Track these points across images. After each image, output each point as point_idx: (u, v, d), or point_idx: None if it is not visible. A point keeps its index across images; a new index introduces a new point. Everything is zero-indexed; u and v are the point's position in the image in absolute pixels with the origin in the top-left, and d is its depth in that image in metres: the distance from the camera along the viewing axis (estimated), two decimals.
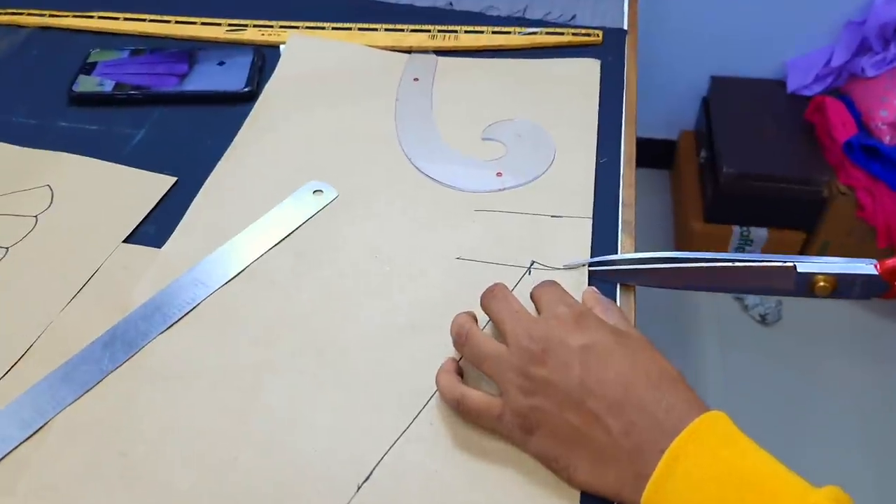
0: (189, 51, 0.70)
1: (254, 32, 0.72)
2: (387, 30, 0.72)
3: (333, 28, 0.72)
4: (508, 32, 0.71)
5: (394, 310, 0.48)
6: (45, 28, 0.74)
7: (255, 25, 0.73)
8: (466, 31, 0.72)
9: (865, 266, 0.41)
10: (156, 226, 0.54)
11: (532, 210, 0.54)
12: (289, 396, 0.44)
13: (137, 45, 0.71)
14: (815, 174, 1.46)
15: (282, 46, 0.70)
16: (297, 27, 0.73)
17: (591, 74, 0.67)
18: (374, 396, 0.44)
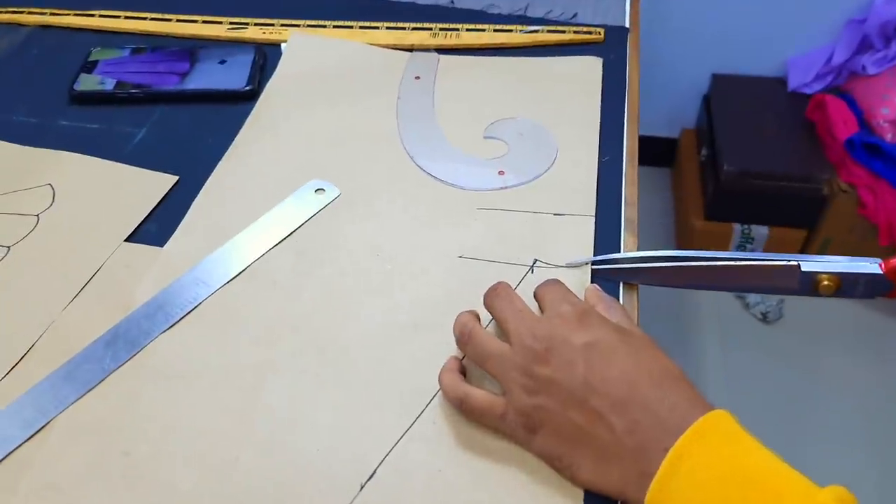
0: (190, 49, 0.69)
1: (255, 31, 0.72)
2: (388, 28, 0.72)
3: (335, 26, 0.72)
4: (510, 31, 0.71)
5: (395, 308, 0.48)
6: (46, 27, 0.74)
7: (257, 24, 0.73)
8: (468, 30, 0.71)
9: (870, 265, 0.41)
10: (157, 224, 0.54)
11: (534, 208, 0.54)
12: (290, 395, 0.44)
13: (138, 44, 0.71)
14: (816, 172, 1.46)
15: (283, 45, 0.70)
16: (299, 25, 0.72)
17: (593, 72, 0.67)
18: (377, 395, 0.44)
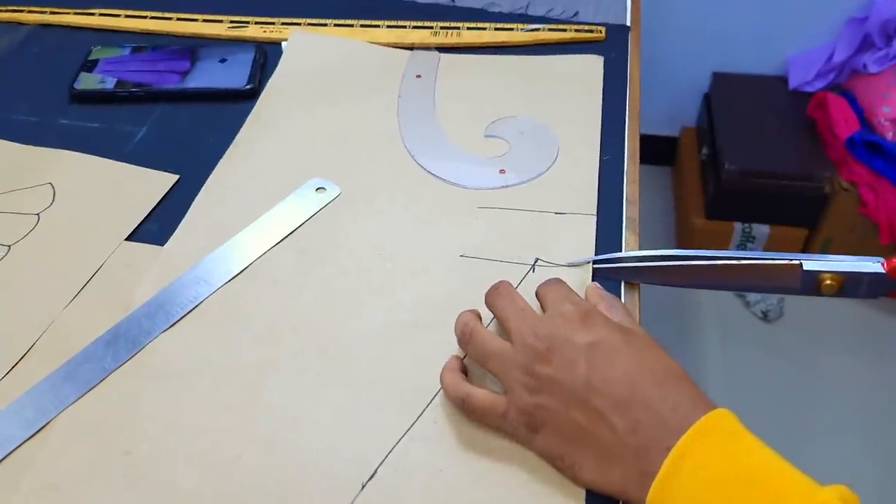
0: (191, 48, 0.69)
1: (255, 29, 0.72)
2: (389, 26, 0.72)
3: (335, 25, 0.72)
4: (511, 29, 0.71)
5: (397, 307, 0.48)
6: (46, 25, 0.74)
7: (257, 22, 0.73)
8: (469, 28, 0.71)
9: (872, 264, 0.41)
10: (158, 223, 0.54)
11: (536, 207, 0.54)
12: (292, 394, 0.44)
13: (139, 43, 0.71)
14: (817, 170, 1.46)
15: (284, 43, 0.70)
16: (299, 24, 0.72)
17: (595, 71, 0.67)
18: (378, 394, 0.43)
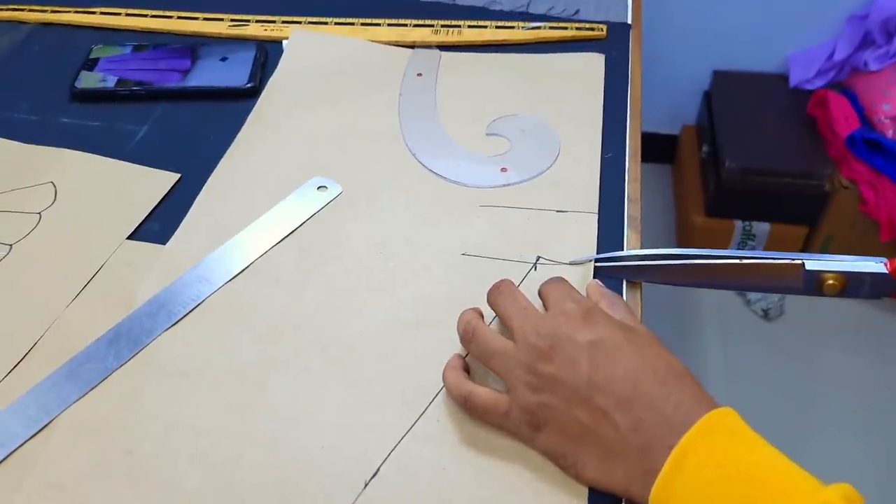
0: (191, 46, 0.69)
1: (256, 28, 0.72)
2: (390, 25, 0.72)
3: (336, 23, 0.72)
4: (512, 27, 0.71)
5: (398, 306, 0.48)
6: (47, 24, 0.74)
7: (258, 21, 0.73)
8: (470, 26, 0.71)
9: (875, 265, 0.40)
10: (159, 222, 0.54)
11: (537, 205, 0.54)
12: (294, 393, 0.44)
13: (139, 41, 0.71)
14: (818, 168, 1.46)
15: (284, 42, 0.70)
16: (300, 22, 0.72)
17: (596, 69, 0.66)
18: (380, 393, 0.43)
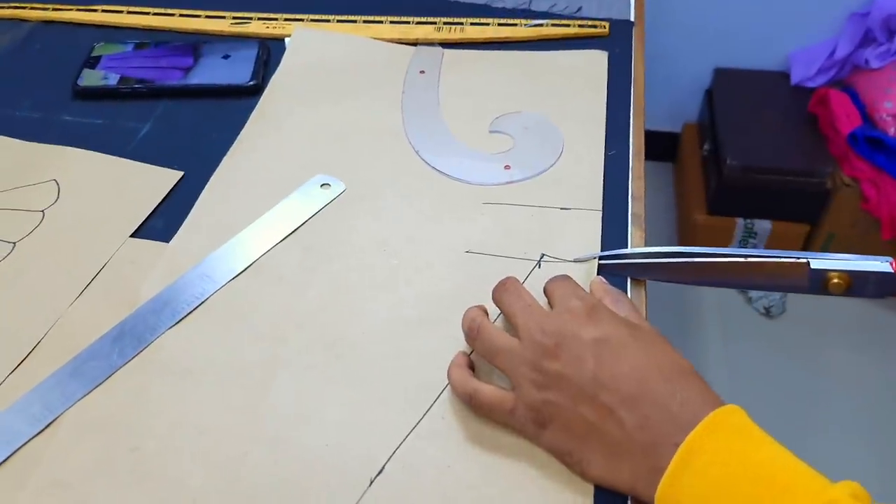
0: (194, 44, 0.69)
1: (258, 25, 0.72)
2: (392, 22, 0.72)
3: (339, 20, 0.72)
4: (514, 24, 0.71)
5: (401, 303, 0.48)
6: (49, 22, 0.74)
7: (260, 18, 0.73)
8: (472, 24, 0.71)
9: (881, 264, 0.40)
10: (163, 220, 0.54)
11: (541, 203, 0.54)
12: (298, 391, 0.44)
13: (142, 39, 0.70)
14: (819, 166, 1.45)
15: (287, 39, 0.70)
16: (303, 20, 0.72)
17: (599, 66, 0.66)
18: (384, 391, 0.43)
